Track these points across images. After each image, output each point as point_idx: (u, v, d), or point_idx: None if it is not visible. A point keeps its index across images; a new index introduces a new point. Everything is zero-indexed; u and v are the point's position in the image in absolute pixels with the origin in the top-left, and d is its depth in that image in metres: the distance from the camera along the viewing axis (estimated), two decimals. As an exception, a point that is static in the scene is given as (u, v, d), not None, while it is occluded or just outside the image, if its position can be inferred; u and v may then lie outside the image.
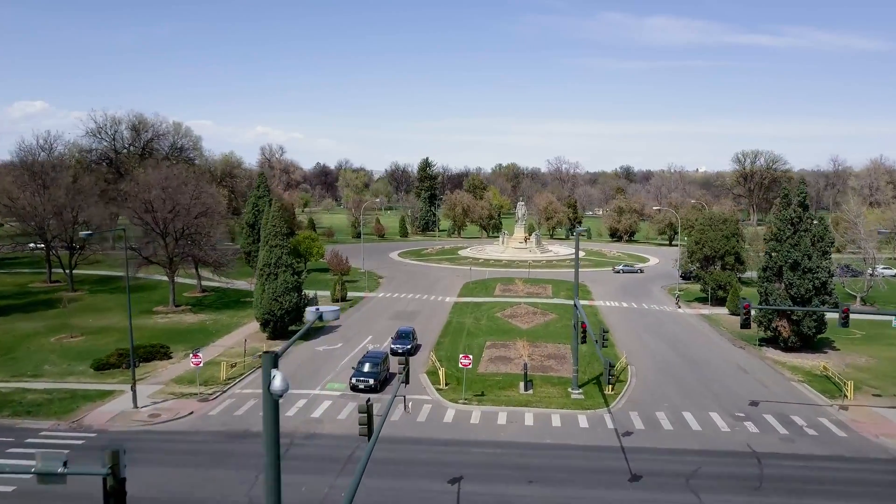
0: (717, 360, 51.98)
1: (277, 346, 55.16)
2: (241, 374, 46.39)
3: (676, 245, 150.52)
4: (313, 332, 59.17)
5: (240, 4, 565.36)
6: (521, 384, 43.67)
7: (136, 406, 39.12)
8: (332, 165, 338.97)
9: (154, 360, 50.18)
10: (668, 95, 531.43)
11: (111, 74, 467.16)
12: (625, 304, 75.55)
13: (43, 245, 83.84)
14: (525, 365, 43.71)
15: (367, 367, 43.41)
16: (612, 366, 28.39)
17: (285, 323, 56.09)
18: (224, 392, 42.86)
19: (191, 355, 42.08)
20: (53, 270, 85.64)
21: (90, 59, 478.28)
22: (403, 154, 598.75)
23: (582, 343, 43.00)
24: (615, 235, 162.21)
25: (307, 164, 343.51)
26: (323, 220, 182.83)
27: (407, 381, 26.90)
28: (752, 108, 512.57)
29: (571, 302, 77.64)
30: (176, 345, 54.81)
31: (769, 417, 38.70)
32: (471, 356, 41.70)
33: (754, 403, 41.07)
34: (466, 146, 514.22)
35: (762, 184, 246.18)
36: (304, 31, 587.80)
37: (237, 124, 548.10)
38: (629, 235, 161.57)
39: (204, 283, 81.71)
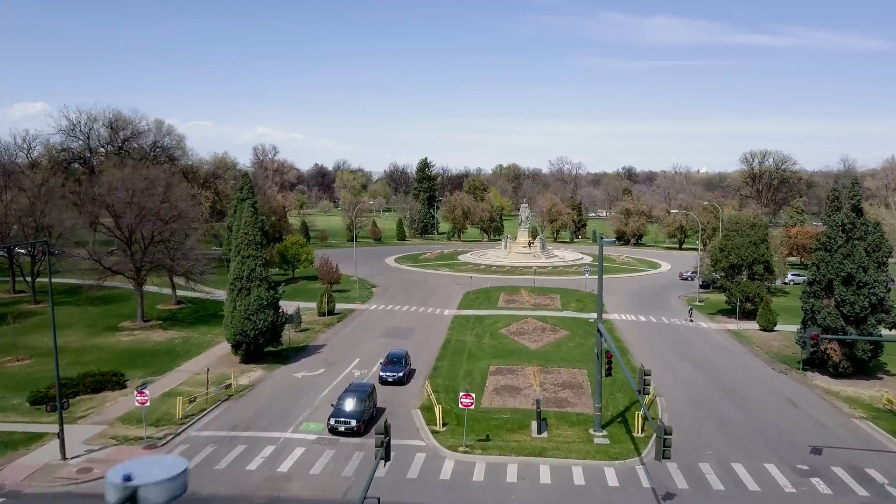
0: (758, 389, 44.83)
1: (252, 370, 48.16)
2: (203, 410, 39.26)
3: (687, 249, 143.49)
4: (292, 355, 52.09)
5: (238, 5, 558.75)
6: (534, 424, 36.60)
7: (64, 458, 32.01)
8: (330, 166, 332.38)
9: (104, 390, 43.05)
10: (668, 95, 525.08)
11: (111, 75, 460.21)
12: (642, 318, 68.43)
13: (6, 252, 76.70)
14: (538, 402, 36.59)
15: (348, 406, 36.29)
16: (667, 433, 21.15)
17: (259, 345, 48.98)
18: (177, 435, 35.72)
19: (136, 392, 34.91)
20: (17, 280, 78.51)
21: (90, 60, 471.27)
22: (403, 154, 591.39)
23: (607, 376, 36.00)
24: (622, 238, 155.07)
25: (307, 165, 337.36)
26: (317, 223, 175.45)
27: (387, 458, 19.82)
28: (753, 107, 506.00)
29: (583, 315, 70.87)
30: (135, 370, 47.76)
31: (839, 471, 31.57)
32: (473, 395, 34.53)
33: (817, 451, 33.95)
34: (466, 146, 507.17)
35: (771, 184, 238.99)
36: (304, 32, 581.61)
37: (237, 125, 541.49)
38: (637, 239, 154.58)
39: (181, 293, 74.56)
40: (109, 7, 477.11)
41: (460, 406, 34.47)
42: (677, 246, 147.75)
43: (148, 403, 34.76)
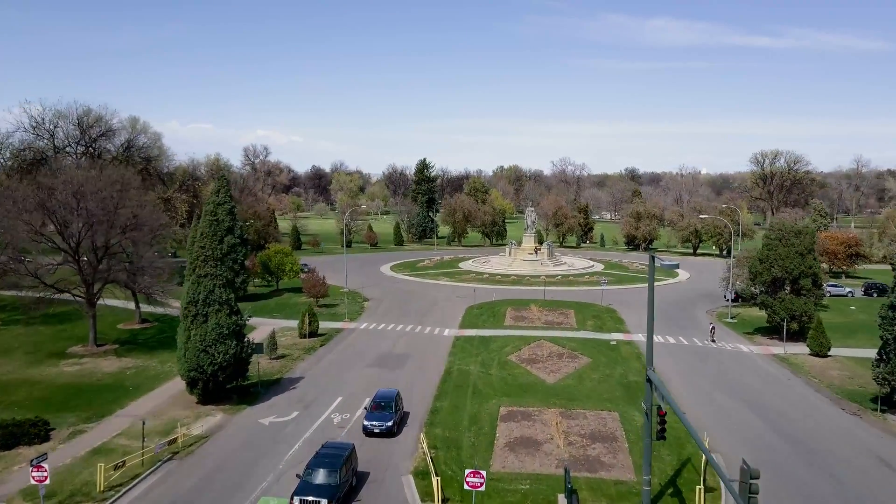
0: (834, 440, 36.14)
1: (210, 413, 39.59)
2: (136, 477, 30.60)
3: (702, 255, 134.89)
4: (262, 392, 43.45)
5: (237, 7, 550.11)
6: (562, 501, 28.00)
7: (-78, 563, 23.41)
8: (328, 168, 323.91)
9: (19, 445, 34.31)
10: (669, 97, 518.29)
11: (109, 77, 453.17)
12: (671, 340, 59.78)
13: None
14: (567, 470, 27.93)
15: (318, 477, 27.65)
16: None
17: (219, 382, 40.33)
18: (91, 519, 27.07)
19: (30, 466, 26.22)
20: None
21: (88, 63, 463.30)
22: (403, 156, 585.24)
23: (658, 440, 27.36)
24: (632, 243, 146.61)
25: (307, 167, 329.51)
26: (310, 227, 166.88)
27: None
28: (753, 109, 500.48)
29: (603, 336, 62.01)
30: (67, 414, 39.18)
31: None
32: (483, 474, 25.90)
33: (945, 544, 25.33)
34: (466, 147, 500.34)
35: (783, 185, 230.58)
36: (303, 33, 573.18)
37: (238, 127, 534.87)
38: (647, 243, 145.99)
39: (149, 309, 65.68)
40: (108, 9, 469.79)
41: (466, 486, 25.79)
42: (691, 251, 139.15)
43: (47, 481, 26.11)
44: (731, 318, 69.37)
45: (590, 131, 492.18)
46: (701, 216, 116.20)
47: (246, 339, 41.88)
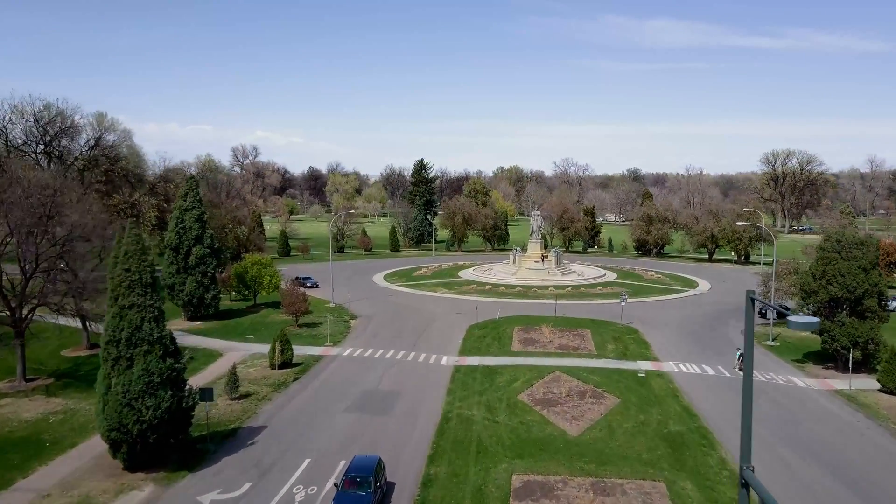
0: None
1: (137, 486, 30.63)
2: None
3: (718, 261, 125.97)
4: (211, 449, 34.33)
5: (236, 9, 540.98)
6: None
7: None
8: (325, 169, 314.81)
9: None
10: (669, 97, 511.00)
11: (107, 78, 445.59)
12: (708, 370, 50.68)
13: None
14: None
15: None
16: None
17: (149, 445, 31.27)
18: None
19: None
20: None
21: (85, 63, 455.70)
22: (403, 157, 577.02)
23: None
24: (642, 248, 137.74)
25: (305, 168, 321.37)
26: (301, 231, 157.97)
27: None
28: (754, 109, 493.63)
29: (628, 365, 51.03)
30: (-48, 485, 30.19)
31: None
32: None
33: None
34: (466, 147, 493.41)
35: (795, 186, 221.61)
36: (303, 32, 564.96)
37: (237, 128, 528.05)
38: (658, 249, 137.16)
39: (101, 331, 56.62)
40: (105, 9, 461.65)
41: None
42: (707, 258, 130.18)
43: None
44: (772, 339, 60.36)
45: (590, 132, 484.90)
46: (739, 224, 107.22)
47: (187, 387, 32.82)
